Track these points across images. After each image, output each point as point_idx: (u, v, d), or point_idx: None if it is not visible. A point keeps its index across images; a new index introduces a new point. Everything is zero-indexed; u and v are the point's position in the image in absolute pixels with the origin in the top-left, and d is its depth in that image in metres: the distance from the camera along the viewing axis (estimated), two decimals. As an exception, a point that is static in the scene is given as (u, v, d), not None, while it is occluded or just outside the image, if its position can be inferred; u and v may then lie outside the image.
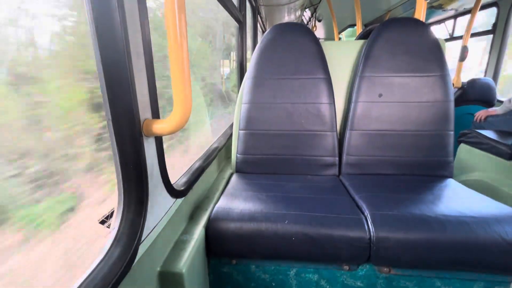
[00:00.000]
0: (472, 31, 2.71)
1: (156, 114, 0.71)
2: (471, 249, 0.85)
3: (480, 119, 2.40)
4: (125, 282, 0.58)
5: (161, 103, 0.74)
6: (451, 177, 1.30)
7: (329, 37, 7.15)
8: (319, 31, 6.52)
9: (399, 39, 1.32)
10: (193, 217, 1.01)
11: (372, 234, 0.89)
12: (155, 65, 0.70)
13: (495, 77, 2.84)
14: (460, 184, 1.20)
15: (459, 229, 0.87)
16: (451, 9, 3.36)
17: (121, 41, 0.55)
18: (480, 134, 1.84)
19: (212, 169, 1.35)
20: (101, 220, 0.61)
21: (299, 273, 0.98)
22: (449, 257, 0.87)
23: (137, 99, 0.62)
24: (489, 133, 1.84)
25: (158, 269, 0.76)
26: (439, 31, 3.84)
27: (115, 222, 0.63)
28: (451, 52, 3.42)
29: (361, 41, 1.45)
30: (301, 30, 1.40)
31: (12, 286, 0.52)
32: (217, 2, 1.46)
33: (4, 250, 0.51)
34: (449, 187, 1.17)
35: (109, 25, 0.54)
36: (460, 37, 2.95)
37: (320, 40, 1.42)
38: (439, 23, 3.89)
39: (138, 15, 0.61)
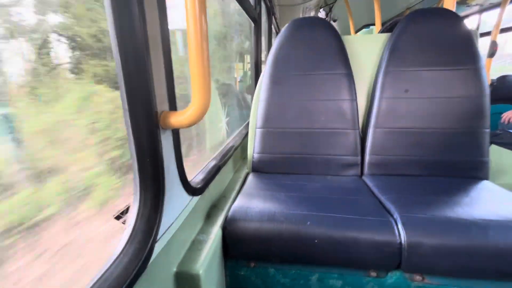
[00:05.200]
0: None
1: (173, 106, 0.68)
2: None
3: (509, 120, 2.24)
4: (140, 282, 0.55)
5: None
6: (486, 179, 1.19)
7: None
8: None
9: (427, 30, 1.24)
10: (209, 217, 0.97)
11: (403, 238, 0.82)
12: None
13: None
14: (498, 187, 1.10)
15: (503, 235, 0.78)
16: (476, 5, 3.19)
17: (139, 32, 0.53)
18: None
19: (228, 168, 1.31)
20: (116, 215, 0.58)
21: (321, 278, 0.92)
22: (491, 265, 0.78)
23: (155, 90, 0.59)
24: None
25: (174, 269, 0.72)
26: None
27: (131, 218, 0.59)
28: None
29: (385, 35, 1.37)
30: (320, 24, 1.35)
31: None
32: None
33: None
34: (486, 190, 1.07)
35: (128, 17, 0.52)
36: (487, 34, 2.79)
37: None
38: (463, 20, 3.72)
39: (157, 7, 0.59)
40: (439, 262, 0.81)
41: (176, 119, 0.63)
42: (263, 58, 2.67)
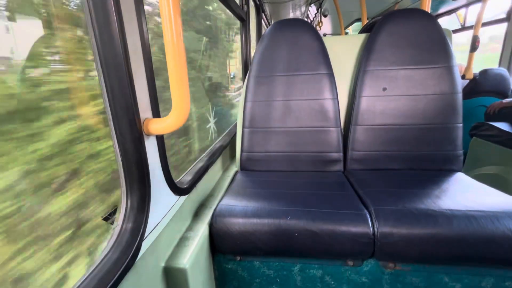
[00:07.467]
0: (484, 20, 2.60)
1: (156, 113, 0.72)
2: (479, 243, 0.83)
3: (494, 111, 2.32)
4: (129, 276, 0.60)
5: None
6: (460, 171, 1.27)
7: (336, 32, 7.03)
8: (326, 27, 6.43)
9: (403, 31, 1.29)
10: (197, 215, 1.02)
11: (376, 229, 0.88)
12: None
13: (510, 67, 2.73)
14: (469, 178, 1.17)
15: (466, 224, 0.85)
16: None
17: (118, 42, 0.56)
18: (494, 126, 1.78)
19: (217, 167, 1.36)
20: (104, 216, 0.63)
21: (303, 269, 0.99)
22: (456, 252, 0.85)
23: (137, 99, 0.64)
24: (503, 126, 1.78)
25: (162, 264, 0.78)
26: (451, 22, 3.73)
27: (119, 219, 0.65)
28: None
29: (364, 35, 1.42)
30: (302, 26, 1.39)
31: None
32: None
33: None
34: (457, 181, 1.14)
35: (106, 26, 0.55)
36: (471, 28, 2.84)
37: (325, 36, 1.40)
38: (450, 14, 3.77)
39: (135, 15, 0.62)
40: (409, 250, 0.87)
41: (159, 126, 0.68)
42: (252, 54, 2.69)
